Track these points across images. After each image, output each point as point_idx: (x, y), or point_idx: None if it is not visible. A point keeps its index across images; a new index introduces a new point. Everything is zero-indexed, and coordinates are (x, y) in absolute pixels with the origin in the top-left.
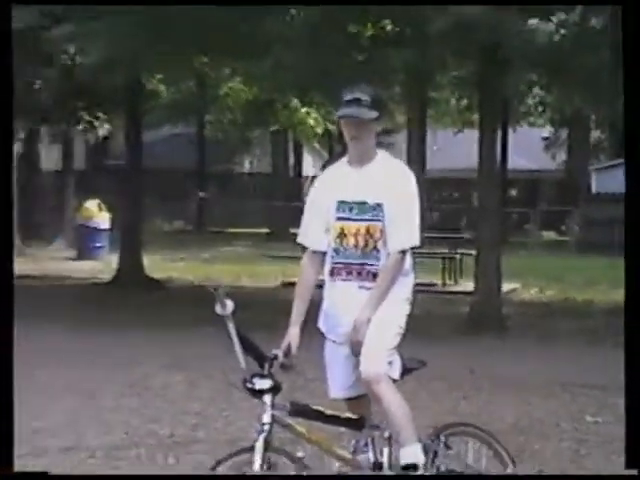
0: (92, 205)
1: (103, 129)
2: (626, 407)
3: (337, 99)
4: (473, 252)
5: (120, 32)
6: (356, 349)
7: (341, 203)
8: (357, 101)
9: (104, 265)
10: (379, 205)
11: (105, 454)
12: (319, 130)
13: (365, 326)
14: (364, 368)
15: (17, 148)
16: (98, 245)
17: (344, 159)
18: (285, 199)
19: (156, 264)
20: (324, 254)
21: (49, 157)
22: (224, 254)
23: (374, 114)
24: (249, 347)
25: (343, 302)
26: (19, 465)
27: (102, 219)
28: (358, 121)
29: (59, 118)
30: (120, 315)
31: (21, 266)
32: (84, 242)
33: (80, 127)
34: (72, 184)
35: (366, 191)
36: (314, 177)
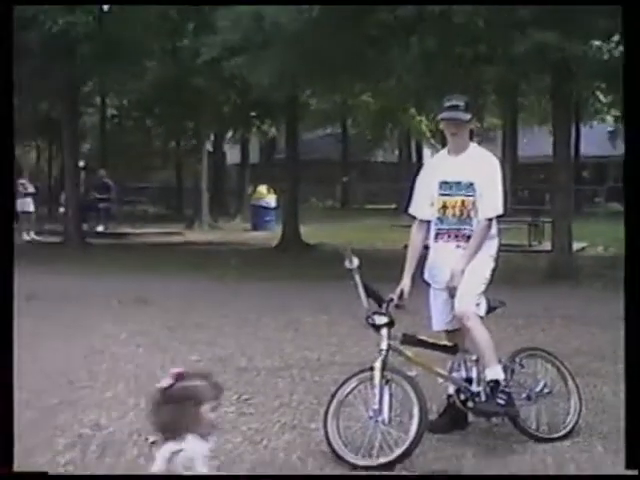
0: (263, 189)
1: (271, 132)
2: (626, 407)
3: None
4: (551, 220)
5: (282, 61)
6: (452, 292)
7: (443, 183)
8: (455, 107)
9: (272, 234)
10: (471, 184)
11: (268, 373)
12: (429, 130)
13: (459, 275)
14: (457, 307)
15: (208, 147)
16: (267, 219)
17: (444, 150)
18: (409, 182)
19: (311, 233)
20: (429, 222)
21: (232, 154)
22: (363, 225)
23: (468, 116)
24: (371, 293)
25: (444, 258)
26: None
27: (270, 199)
28: (456, 122)
29: (239, 125)
30: (283, 271)
31: (212, 235)
32: (257, 217)
33: (254, 131)
34: (248, 174)
35: (461, 173)
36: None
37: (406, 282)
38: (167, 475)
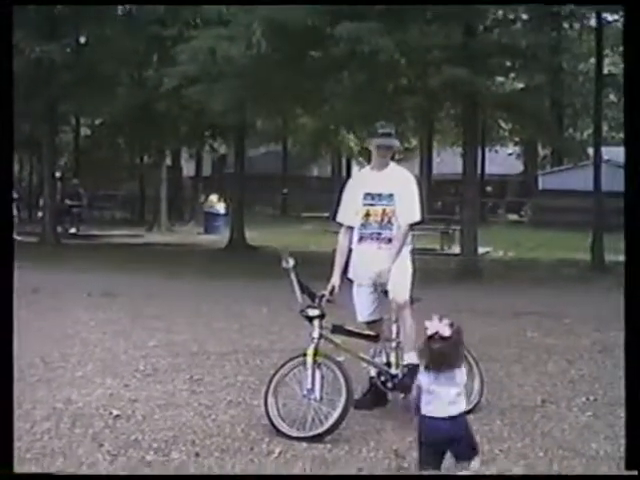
0: (214, 198)
1: (221, 149)
2: (626, 408)
3: (371, 128)
4: (460, 227)
5: (233, 90)
6: (377, 288)
7: (367, 194)
8: (389, 134)
9: (221, 237)
10: (391, 195)
11: (217, 357)
12: (357, 149)
13: (388, 273)
14: (395, 297)
15: (167, 162)
16: (217, 224)
17: (368, 167)
18: (339, 194)
19: (255, 237)
20: (353, 228)
21: (188, 168)
22: (299, 230)
23: (398, 143)
24: (305, 289)
25: (368, 258)
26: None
27: (220, 207)
28: (388, 148)
29: (194, 143)
30: (230, 270)
31: (169, 237)
32: (208, 222)
33: (207, 148)
34: (201, 185)
35: (382, 186)
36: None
37: (335, 280)
38: (168, 475)
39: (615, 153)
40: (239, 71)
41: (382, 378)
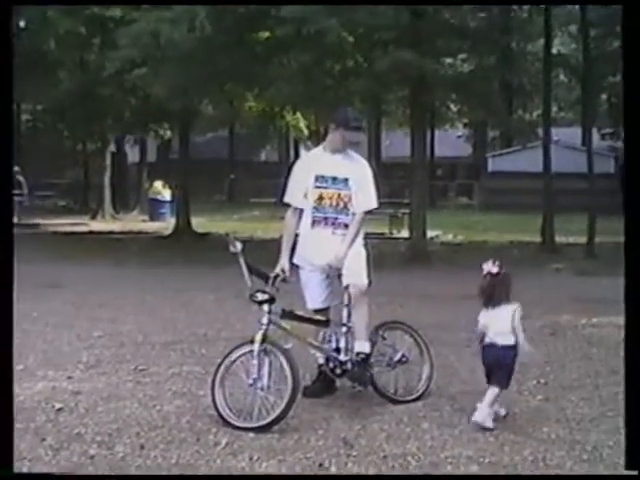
0: (159, 184)
1: (166, 134)
2: (626, 408)
3: (317, 111)
4: (409, 211)
5: (177, 74)
6: (333, 274)
7: (319, 176)
8: (359, 128)
9: (166, 225)
10: (346, 179)
11: (162, 347)
12: (306, 131)
13: (344, 258)
14: (353, 283)
15: (111, 149)
16: (163, 211)
17: (320, 147)
18: (287, 174)
19: (201, 224)
20: (302, 211)
21: (132, 154)
22: (246, 216)
23: (363, 136)
24: (255, 272)
25: (321, 243)
26: None
27: (166, 194)
28: (356, 142)
29: (138, 129)
30: (176, 257)
31: (114, 225)
32: (153, 209)
33: (152, 134)
34: (146, 171)
35: (337, 170)
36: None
37: (284, 262)
38: (169, 475)
39: (564, 134)
40: (183, 54)
41: (331, 365)
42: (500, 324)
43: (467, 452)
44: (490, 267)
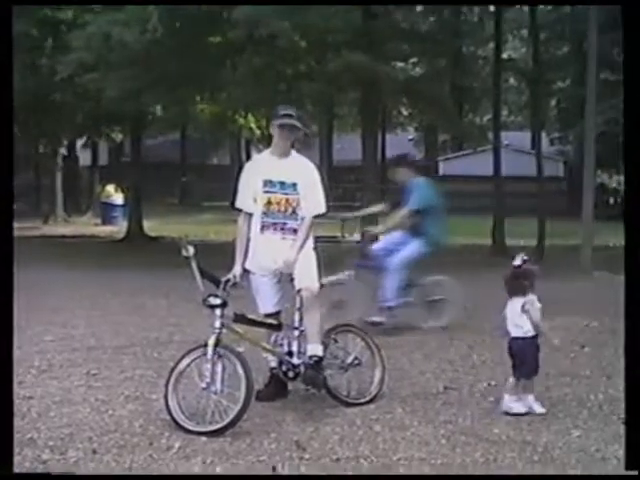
0: (111, 188)
1: (118, 138)
2: (626, 408)
3: (269, 114)
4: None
5: (129, 77)
6: (283, 278)
7: (267, 181)
8: (290, 115)
9: (119, 228)
10: (294, 184)
11: (114, 351)
12: (258, 133)
13: (294, 263)
14: (305, 286)
15: (63, 152)
16: (115, 215)
17: (267, 151)
18: (236, 179)
19: (153, 227)
20: (251, 215)
21: (84, 157)
22: (199, 219)
23: (299, 124)
24: (207, 276)
25: (271, 248)
26: None
27: (118, 197)
28: (290, 127)
29: (90, 132)
30: (128, 261)
31: (66, 229)
32: (106, 213)
33: (103, 137)
34: (98, 174)
35: (285, 174)
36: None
37: (237, 266)
38: (170, 475)
39: (514, 137)
40: (135, 57)
41: (283, 368)
42: (513, 315)
43: (419, 454)
44: (516, 260)
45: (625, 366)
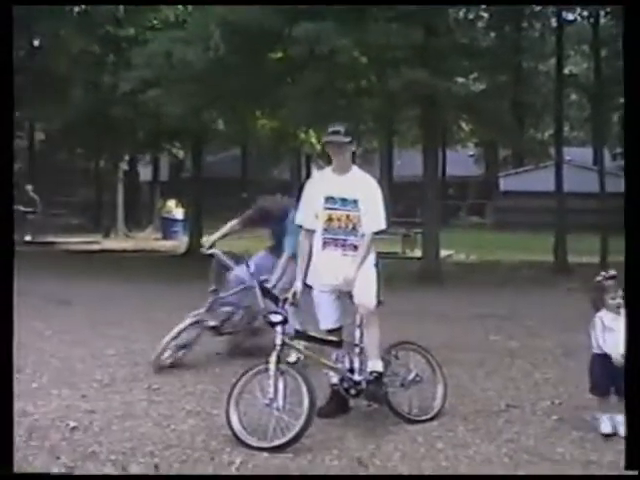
0: (171, 203)
1: (179, 153)
2: (626, 408)
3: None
4: (421, 231)
5: (190, 94)
6: (343, 295)
7: (329, 198)
8: (336, 132)
9: (179, 243)
10: (355, 200)
11: (175, 366)
12: (318, 148)
13: (353, 280)
14: (363, 303)
15: (124, 167)
16: (175, 230)
17: (329, 168)
18: (299, 197)
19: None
20: (313, 232)
21: (144, 173)
22: (259, 235)
23: (346, 139)
24: (267, 294)
25: (331, 264)
26: None
27: (178, 213)
28: (337, 144)
29: (151, 148)
30: (189, 275)
31: (127, 244)
32: (166, 228)
33: (164, 153)
34: (159, 190)
35: (346, 191)
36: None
37: (298, 284)
38: (171, 475)
39: (576, 153)
40: (196, 74)
41: (345, 385)
42: (597, 332)
43: (482, 472)
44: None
45: (625, 365)
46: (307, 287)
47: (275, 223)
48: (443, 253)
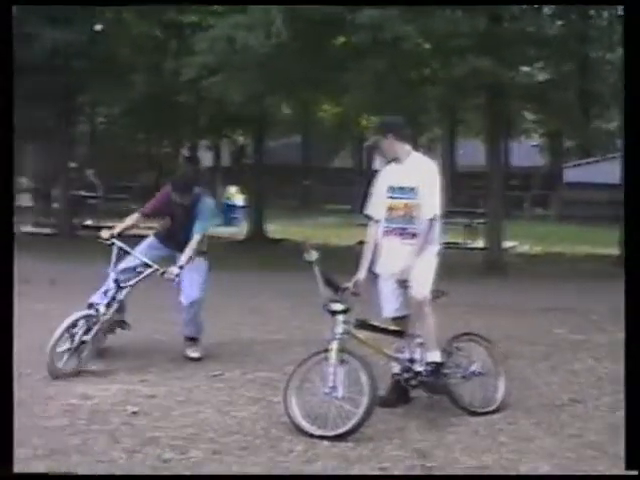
0: (232, 190)
1: (240, 140)
2: (626, 408)
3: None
4: (484, 221)
5: (253, 80)
6: (401, 284)
7: (390, 187)
8: (384, 123)
9: (239, 230)
10: (413, 188)
11: (235, 352)
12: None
13: (409, 269)
14: (415, 293)
15: (185, 153)
16: (236, 216)
17: (394, 160)
18: (361, 185)
19: (274, 229)
20: (379, 222)
21: (205, 158)
22: (321, 222)
23: (384, 131)
24: (329, 282)
25: (391, 253)
26: None
27: (239, 199)
28: (384, 134)
29: (212, 134)
30: (249, 263)
31: None
32: (226, 214)
33: (226, 139)
34: (220, 176)
35: (404, 179)
36: (376, 171)
37: (361, 273)
38: (170, 475)
39: None
40: (258, 61)
41: (406, 375)
42: None
43: (545, 466)
44: None
45: (625, 366)
46: (374, 275)
47: (180, 208)
48: (506, 244)
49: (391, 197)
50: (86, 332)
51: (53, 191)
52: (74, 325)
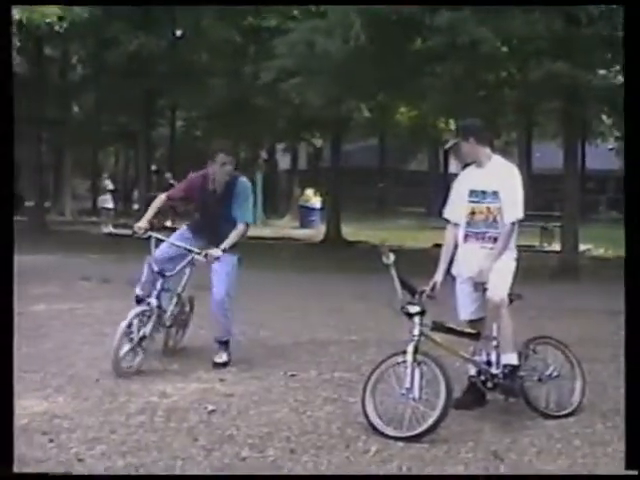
0: (310, 192)
1: (317, 143)
2: (626, 408)
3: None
4: (560, 224)
5: (331, 84)
6: (477, 287)
7: (471, 191)
8: (463, 127)
9: (316, 232)
10: (495, 192)
11: (311, 352)
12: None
13: (487, 272)
14: (493, 296)
15: (263, 155)
16: (313, 219)
17: (474, 164)
18: (436, 188)
19: (350, 231)
20: (458, 226)
21: (283, 161)
22: (396, 225)
23: (476, 138)
24: (406, 285)
25: (470, 256)
26: None
27: (316, 201)
28: (459, 147)
29: (290, 137)
30: (326, 264)
31: (264, 231)
32: (304, 216)
33: (303, 142)
34: (297, 179)
35: (486, 183)
36: (456, 174)
37: (438, 276)
38: (170, 475)
39: None
40: (336, 64)
41: (482, 377)
42: None
43: (620, 472)
44: None
45: (625, 366)
46: (453, 278)
47: (212, 196)
48: (581, 247)
49: (472, 201)
50: (143, 327)
51: (134, 193)
52: (129, 326)
